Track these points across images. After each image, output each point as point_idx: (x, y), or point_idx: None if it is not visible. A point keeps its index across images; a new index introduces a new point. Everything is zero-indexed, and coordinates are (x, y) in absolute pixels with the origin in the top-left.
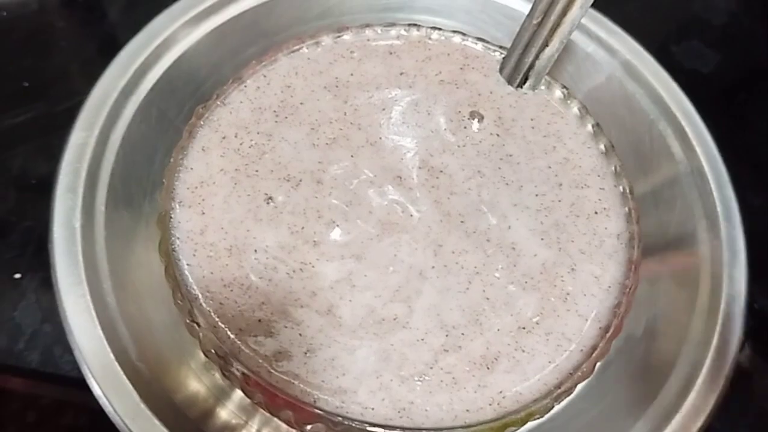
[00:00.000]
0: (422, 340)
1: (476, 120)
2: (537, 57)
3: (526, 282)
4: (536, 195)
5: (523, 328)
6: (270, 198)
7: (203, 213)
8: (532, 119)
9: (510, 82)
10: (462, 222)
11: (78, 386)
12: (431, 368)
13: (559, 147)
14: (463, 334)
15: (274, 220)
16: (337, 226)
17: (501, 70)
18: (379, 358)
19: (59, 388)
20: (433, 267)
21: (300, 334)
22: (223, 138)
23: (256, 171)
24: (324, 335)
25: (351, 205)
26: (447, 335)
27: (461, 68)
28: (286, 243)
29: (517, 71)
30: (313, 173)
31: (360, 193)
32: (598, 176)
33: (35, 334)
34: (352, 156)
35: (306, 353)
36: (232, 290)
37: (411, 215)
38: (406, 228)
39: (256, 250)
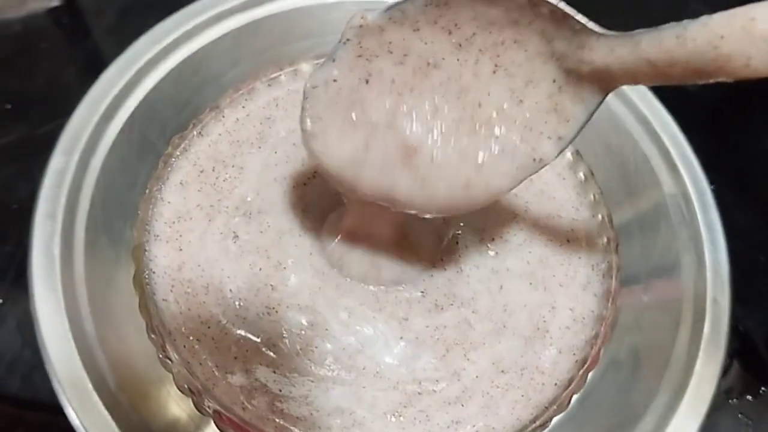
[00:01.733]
0: (394, 388)
1: None
2: None
3: (513, 334)
4: (521, 229)
5: (502, 371)
6: (236, 236)
7: (181, 249)
8: None
9: None
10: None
11: (58, 413)
12: (405, 407)
13: (535, 179)
14: (437, 380)
15: (240, 258)
16: (284, 268)
17: None
18: (352, 398)
19: (41, 414)
20: (401, 338)
21: (274, 372)
22: (201, 172)
23: (227, 207)
24: (297, 374)
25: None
26: (420, 383)
27: None
28: (252, 284)
29: None
30: (261, 204)
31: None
32: (572, 207)
33: (15, 359)
34: (304, 185)
35: (280, 391)
36: (209, 327)
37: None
38: (348, 283)
39: (231, 290)
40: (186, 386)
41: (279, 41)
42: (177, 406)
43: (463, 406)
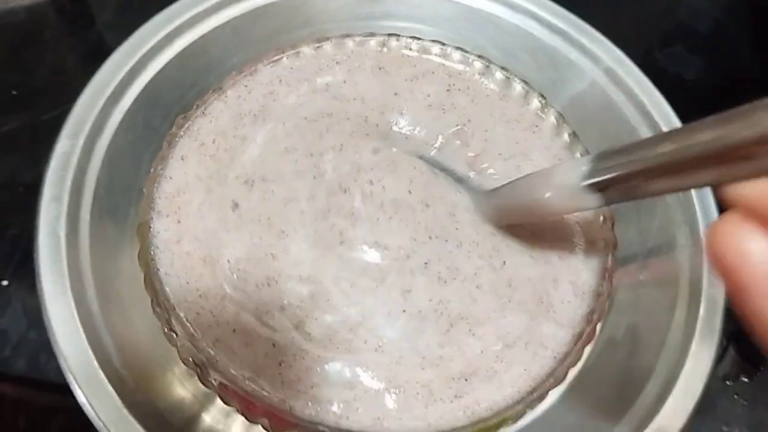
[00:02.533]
0: (396, 363)
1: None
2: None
3: (518, 309)
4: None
5: (507, 345)
6: (236, 205)
7: (179, 222)
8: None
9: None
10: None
11: (65, 392)
12: (407, 382)
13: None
14: (441, 357)
15: (239, 228)
16: (287, 236)
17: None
18: (352, 372)
19: (47, 394)
20: (404, 311)
21: (273, 345)
22: (201, 145)
23: (226, 176)
24: (297, 347)
25: (299, 213)
26: (423, 358)
27: (447, 90)
28: (251, 254)
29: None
30: (266, 173)
31: (300, 194)
32: None
33: (21, 340)
34: (321, 154)
35: (280, 363)
36: (207, 300)
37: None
38: (353, 246)
39: (229, 261)
40: (191, 359)
41: (280, 29)
42: (182, 386)
43: (467, 380)
